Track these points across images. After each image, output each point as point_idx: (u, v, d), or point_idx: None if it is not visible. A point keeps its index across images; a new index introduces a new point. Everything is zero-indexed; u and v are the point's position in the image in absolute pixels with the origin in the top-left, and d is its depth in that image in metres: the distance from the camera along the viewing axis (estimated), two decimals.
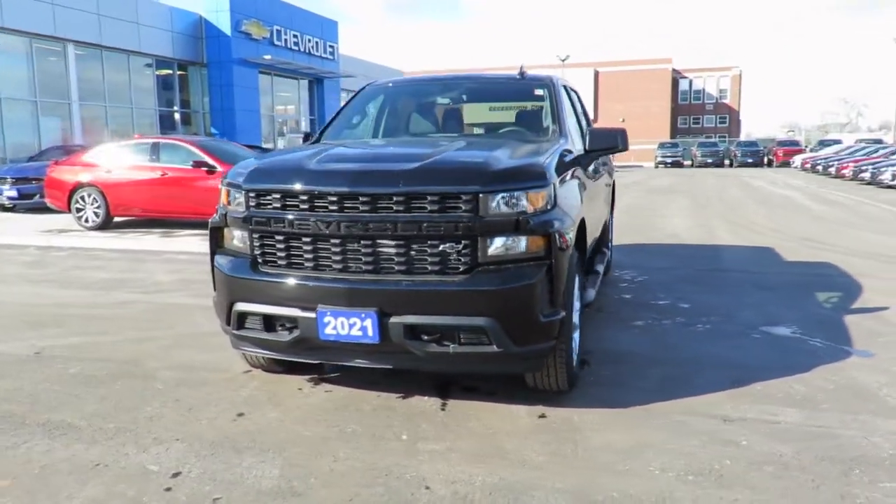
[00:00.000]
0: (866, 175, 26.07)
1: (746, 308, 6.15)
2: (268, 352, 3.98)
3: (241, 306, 3.81)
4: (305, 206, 3.60)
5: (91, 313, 6.25)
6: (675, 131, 72.00)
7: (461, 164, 3.79)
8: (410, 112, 5.45)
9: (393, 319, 3.48)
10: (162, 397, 4.15)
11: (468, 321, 3.47)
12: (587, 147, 4.68)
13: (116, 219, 11.95)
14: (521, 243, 3.51)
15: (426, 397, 4.07)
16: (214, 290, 4.05)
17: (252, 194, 3.75)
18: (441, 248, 3.48)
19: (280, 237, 3.71)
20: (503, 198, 3.47)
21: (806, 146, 50.04)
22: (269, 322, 3.79)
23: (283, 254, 3.73)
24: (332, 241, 3.59)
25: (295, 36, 27.06)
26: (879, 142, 43.87)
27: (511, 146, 4.10)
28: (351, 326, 3.52)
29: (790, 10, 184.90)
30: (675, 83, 73.77)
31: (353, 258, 3.59)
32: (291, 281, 3.67)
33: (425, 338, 3.53)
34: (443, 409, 3.91)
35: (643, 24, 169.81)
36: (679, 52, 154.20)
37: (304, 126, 29.84)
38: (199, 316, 6.07)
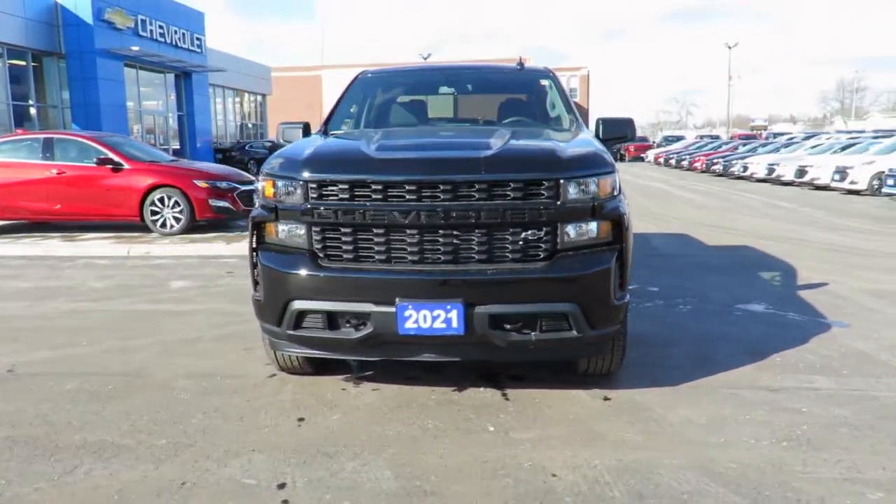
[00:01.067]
0: (718, 167, 28.57)
1: (711, 288, 6.55)
2: (327, 352, 3.76)
3: (301, 304, 3.57)
4: (379, 196, 3.44)
5: (42, 325, 5.60)
6: None
7: (536, 151, 3.78)
8: (419, 102, 5.29)
9: (478, 310, 3.40)
10: (199, 408, 3.81)
11: (552, 307, 3.47)
12: (600, 136, 4.79)
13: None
14: (595, 228, 3.56)
15: (481, 388, 4.02)
16: (256, 288, 3.78)
17: (313, 185, 3.52)
18: (523, 235, 3.45)
19: (348, 229, 3.51)
20: (580, 184, 3.50)
21: (652, 142, 53.85)
22: (334, 319, 3.59)
23: (350, 247, 3.53)
24: (409, 231, 3.45)
25: (161, 27, 25.42)
26: (717, 137, 48.14)
27: (557, 136, 4.13)
28: (434, 319, 3.40)
29: (626, 18, 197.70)
30: None
31: (430, 248, 3.47)
32: (363, 275, 3.49)
33: (507, 327, 3.49)
34: (506, 399, 3.88)
35: (488, 26, 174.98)
36: (527, 54, 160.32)
37: (172, 122, 28.14)
38: (171, 322, 5.62)
